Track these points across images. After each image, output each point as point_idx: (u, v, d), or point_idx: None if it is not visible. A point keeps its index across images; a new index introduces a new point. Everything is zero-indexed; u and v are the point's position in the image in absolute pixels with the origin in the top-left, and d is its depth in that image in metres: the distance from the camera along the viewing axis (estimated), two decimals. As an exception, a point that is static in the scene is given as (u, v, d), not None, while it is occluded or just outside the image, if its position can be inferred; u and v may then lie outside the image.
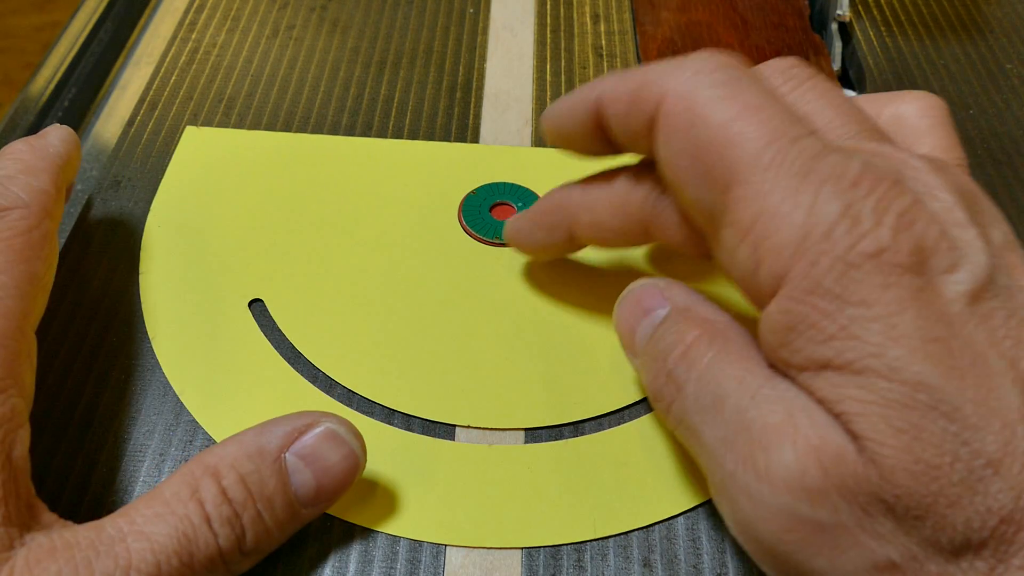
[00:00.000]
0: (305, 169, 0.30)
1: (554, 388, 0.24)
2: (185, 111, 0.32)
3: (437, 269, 0.27)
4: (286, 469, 0.19)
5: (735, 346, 0.19)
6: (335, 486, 0.20)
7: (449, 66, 0.35)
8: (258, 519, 0.19)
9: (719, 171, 0.18)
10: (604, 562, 0.21)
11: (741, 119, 0.17)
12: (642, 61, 0.35)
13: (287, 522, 0.20)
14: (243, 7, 0.37)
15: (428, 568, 0.21)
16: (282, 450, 0.19)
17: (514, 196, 0.29)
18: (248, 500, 0.19)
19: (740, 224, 0.17)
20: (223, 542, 0.18)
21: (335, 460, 0.20)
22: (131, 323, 0.25)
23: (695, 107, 0.18)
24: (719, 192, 0.18)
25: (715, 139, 0.18)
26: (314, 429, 0.20)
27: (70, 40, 0.35)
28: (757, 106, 0.18)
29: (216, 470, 0.19)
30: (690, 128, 0.18)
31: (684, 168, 0.18)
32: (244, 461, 0.19)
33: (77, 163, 0.25)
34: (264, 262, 0.27)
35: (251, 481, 0.19)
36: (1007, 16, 0.38)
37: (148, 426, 0.23)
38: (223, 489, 0.19)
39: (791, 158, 0.17)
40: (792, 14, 0.38)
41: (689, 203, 0.19)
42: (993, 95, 0.34)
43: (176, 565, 0.18)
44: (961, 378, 0.15)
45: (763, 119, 0.17)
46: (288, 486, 0.19)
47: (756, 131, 0.17)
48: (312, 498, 0.20)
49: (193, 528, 0.18)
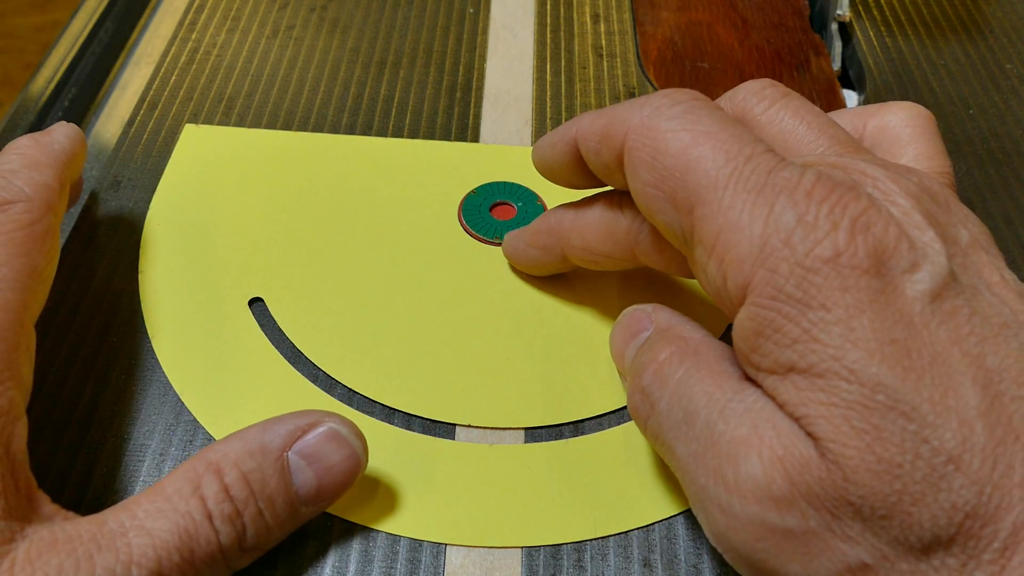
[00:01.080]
0: (305, 168, 0.30)
1: (554, 388, 0.24)
2: (185, 111, 0.32)
3: (437, 268, 0.27)
4: (288, 468, 0.19)
5: (705, 361, 0.19)
6: (336, 486, 0.20)
7: (449, 66, 0.35)
8: (259, 516, 0.19)
9: (682, 195, 0.18)
10: (604, 562, 0.21)
11: (697, 145, 0.18)
12: (642, 61, 0.35)
13: (287, 520, 0.20)
14: (243, 7, 0.37)
15: (428, 567, 0.21)
16: (285, 448, 0.20)
17: (514, 196, 0.29)
18: (250, 498, 0.19)
19: (706, 242, 0.18)
20: (224, 539, 0.18)
21: (337, 460, 0.20)
22: (131, 323, 0.25)
23: (656, 139, 0.19)
24: (685, 214, 0.19)
25: (676, 166, 0.19)
26: (317, 428, 0.20)
27: (70, 40, 0.35)
28: (712, 132, 0.19)
29: (219, 467, 0.19)
30: (653, 159, 0.19)
31: (652, 196, 0.19)
32: (247, 458, 0.19)
33: (82, 160, 0.25)
34: (264, 261, 0.27)
35: (253, 479, 0.19)
36: (1007, 16, 0.38)
37: (148, 426, 0.23)
38: (226, 486, 0.19)
39: (746, 175, 0.18)
40: (792, 14, 0.38)
41: (662, 228, 0.20)
42: (993, 95, 0.34)
43: (177, 561, 0.18)
44: (918, 378, 0.16)
45: (718, 142, 0.18)
46: (290, 485, 0.19)
47: (712, 153, 0.18)
48: (313, 497, 0.20)
49: (195, 524, 0.18)
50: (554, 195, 0.29)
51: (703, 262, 0.18)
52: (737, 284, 0.17)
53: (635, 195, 0.20)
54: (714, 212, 0.18)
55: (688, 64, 0.35)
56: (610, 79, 0.34)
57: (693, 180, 0.18)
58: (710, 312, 0.26)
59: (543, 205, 0.29)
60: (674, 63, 0.35)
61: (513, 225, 0.28)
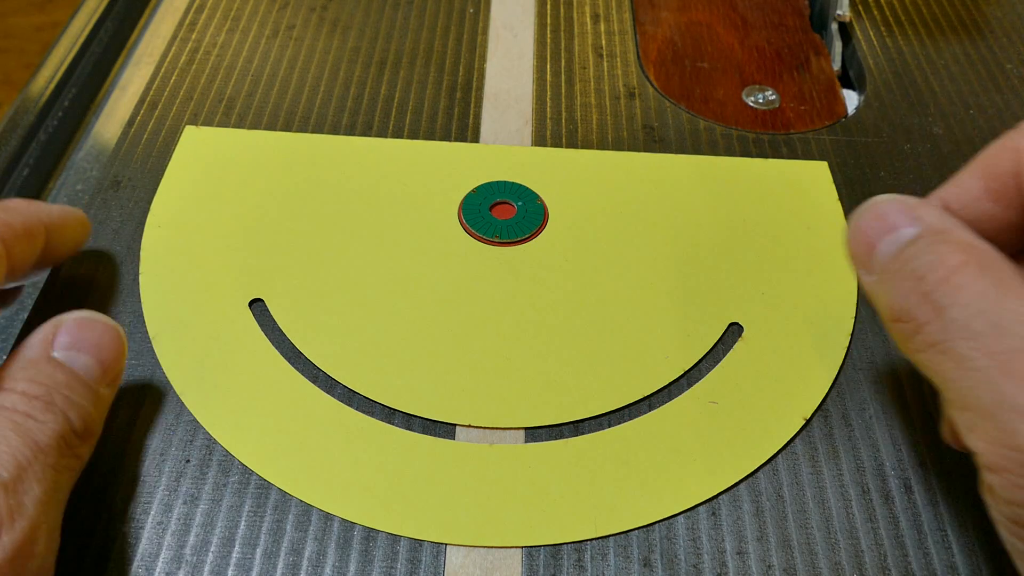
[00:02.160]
0: (305, 168, 0.30)
1: (554, 388, 0.24)
2: (185, 111, 0.32)
3: (437, 268, 0.27)
4: (63, 362, 0.21)
5: (1009, 276, 0.18)
6: (114, 357, 0.22)
7: (449, 66, 0.35)
8: (69, 401, 0.20)
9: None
10: (604, 562, 0.21)
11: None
12: (642, 61, 0.35)
13: (95, 403, 0.21)
14: (243, 7, 0.37)
15: (428, 567, 0.21)
16: (47, 352, 0.21)
17: (514, 195, 0.29)
18: (50, 391, 0.20)
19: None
20: (56, 425, 0.20)
21: (99, 336, 0.22)
22: (131, 323, 0.25)
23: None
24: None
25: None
26: (64, 325, 0.21)
27: (70, 40, 0.35)
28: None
29: (2, 387, 0.20)
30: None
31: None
32: (20, 371, 0.20)
33: (72, 232, 0.25)
34: (264, 262, 0.27)
35: (40, 379, 0.20)
36: (1007, 16, 0.38)
37: (148, 426, 0.23)
38: (22, 391, 0.20)
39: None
40: (792, 14, 0.38)
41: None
42: (993, 95, 0.34)
43: (28, 455, 0.19)
44: None
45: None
46: (75, 372, 0.21)
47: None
48: (101, 375, 0.21)
49: (23, 420, 0.19)
50: (554, 195, 0.29)
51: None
52: None
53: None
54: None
55: (688, 64, 0.35)
56: (610, 79, 0.34)
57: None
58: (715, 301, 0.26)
59: (543, 204, 0.29)
60: (674, 63, 0.35)
61: (513, 225, 0.28)
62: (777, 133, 0.32)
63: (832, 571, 0.21)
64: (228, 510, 0.22)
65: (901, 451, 0.23)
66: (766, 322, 0.26)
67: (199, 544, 0.21)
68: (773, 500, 0.22)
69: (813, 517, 0.22)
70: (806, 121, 0.33)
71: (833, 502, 0.22)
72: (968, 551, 0.21)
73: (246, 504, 0.22)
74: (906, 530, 0.22)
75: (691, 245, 0.28)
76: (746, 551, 0.21)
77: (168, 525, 0.21)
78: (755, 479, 0.23)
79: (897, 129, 0.33)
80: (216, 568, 0.21)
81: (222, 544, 0.21)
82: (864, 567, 0.21)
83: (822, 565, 0.21)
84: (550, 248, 0.28)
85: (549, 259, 0.27)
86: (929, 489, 0.23)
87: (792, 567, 0.21)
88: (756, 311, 0.26)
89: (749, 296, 0.27)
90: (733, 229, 0.29)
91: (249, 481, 0.22)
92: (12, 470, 0.18)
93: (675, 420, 0.24)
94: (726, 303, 0.26)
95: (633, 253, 0.28)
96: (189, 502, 0.22)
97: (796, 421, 0.24)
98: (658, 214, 0.29)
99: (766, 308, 0.26)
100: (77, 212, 0.25)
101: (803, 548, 0.22)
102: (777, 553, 0.21)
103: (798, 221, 0.29)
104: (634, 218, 0.29)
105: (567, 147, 0.31)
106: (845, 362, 0.25)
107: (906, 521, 0.22)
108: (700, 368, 0.25)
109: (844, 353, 0.25)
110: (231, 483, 0.22)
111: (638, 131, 0.32)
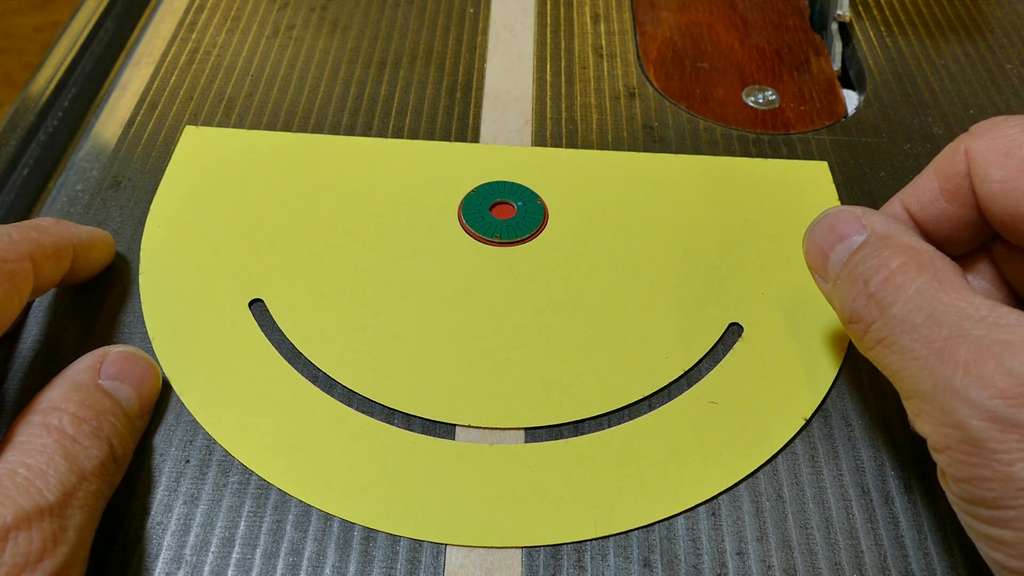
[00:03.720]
0: (305, 169, 0.30)
1: (554, 388, 0.24)
2: (185, 111, 0.32)
3: (437, 268, 0.27)
4: (109, 391, 0.22)
5: (945, 275, 0.19)
6: (150, 393, 0.23)
7: (449, 66, 0.35)
8: (115, 429, 0.21)
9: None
10: (604, 562, 0.21)
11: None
12: (642, 61, 0.35)
13: (131, 433, 0.22)
14: (243, 7, 0.37)
15: (428, 568, 0.21)
16: (95, 379, 0.22)
17: (514, 195, 0.29)
18: (99, 416, 0.21)
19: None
20: (100, 453, 0.20)
21: (140, 371, 0.23)
22: (131, 323, 0.25)
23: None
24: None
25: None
26: (109, 356, 0.23)
27: (70, 40, 0.35)
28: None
29: (55, 406, 0.20)
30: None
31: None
32: (73, 394, 0.21)
33: (97, 253, 0.26)
34: (264, 262, 0.27)
35: (90, 404, 0.21)
36: (1007, 16, 0.38)
37: (148, 426, 0.23)
38: (72, 414, 0.20)
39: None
40: (792, 14, 0.38)
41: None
42: (993, 95, 0.34)
43: (75, 481, 0.19)
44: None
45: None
46: (119, 402, 0.22)
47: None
48: (138, 409, 0.22)
49: (71, 443, 0.20)
50: (554, 195, 0.29)
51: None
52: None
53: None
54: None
55: (688, 64, 0.35)
56: (610, 79, 0.34)
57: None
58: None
59: (543, 204, 0.29)
60: (674, 63, 0.35)
61: (513, 225, 0.28)
62: (777, 133, 0.32)
63: (832, 571, 0.21)
64: (228, 510, 0.22)
65: (901, 451, 0.23)
66: (766, 322, 0.26)
67: (199, 544, 0.21)
68: (773, 500, 0.22)
69: (813, 517, 0.22)
70: (806, 121, 0.33)
71: (833, 502, 0.22)
72: (968, 551, 0.21)
73: (246, 504, 0.22)
74: (906, 530, 0.22)
75: (691, 245, 0.28)
76: (746, 551, 0.21)
77: (168, 525, 0.21)
78: (755, 479, 0.23)
79: (897, 129, 0.33)
80: (216, 568, 0.21)
81: (222, 544, 0.21)
82: (864, 567, 0.21)
83: (822, 565, 0.21)
84: (550, 248, 0.28)
85: (549, 259, 0.27)
86: (929, 490, 0.23)
87: (792, 567, 0.21)
88: (756, 311, 0.26)
89: (749, 296, 0.27)
90: (733, 229, 0.29)
91: (249, 481, 0.22)
92: (59, 495, 0.19)
93: (675, 420, 0.24)
94: (726, 303, 0.26)
95: (633, 253, 0.28)
96: (189, 502, 0.22)
97: (796, 421, 0.24)
98: (658, 214, 0.29)
99: (766, 308, 0.26)
100: (104, 234, 0.26)
101: (803, 548, 0.22)
102: (777, 553, 0.21)
103: (798, 221, 0.29)
104: (634, 218, 0.29)
105: (567, 147, 0.31)
106: (845, 362, 0.25)
107: (906, 521, 0.22)
108: (700, 368, 0.25)
109: (844, 353, 0.25)
110: (231, 483, 0.22)
111: (638, 131, 0.32)
